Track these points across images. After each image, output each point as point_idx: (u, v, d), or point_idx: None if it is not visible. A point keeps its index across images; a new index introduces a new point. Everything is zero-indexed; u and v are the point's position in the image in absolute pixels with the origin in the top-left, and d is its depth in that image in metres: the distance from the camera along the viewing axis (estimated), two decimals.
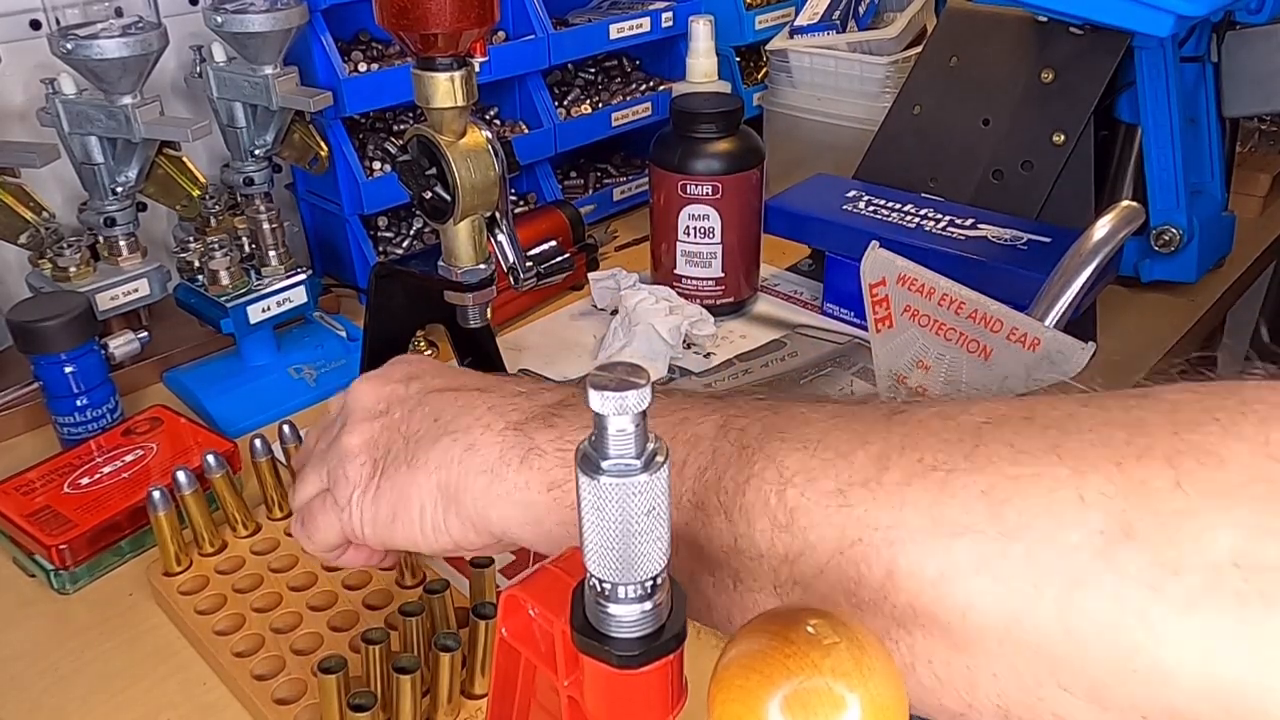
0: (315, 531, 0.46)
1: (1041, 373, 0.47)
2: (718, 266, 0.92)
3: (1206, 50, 0.86)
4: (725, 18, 1.14)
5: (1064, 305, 0.53)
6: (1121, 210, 0.54)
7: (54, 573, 0.63)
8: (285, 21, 0.80)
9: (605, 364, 0.28)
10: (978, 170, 0.91)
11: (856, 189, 0.94)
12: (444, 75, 0.59)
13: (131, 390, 0.84)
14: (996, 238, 0.82)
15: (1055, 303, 0.53)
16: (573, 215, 0.98)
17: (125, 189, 0.81)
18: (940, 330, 0.49)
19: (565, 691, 0.33)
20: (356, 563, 0.50)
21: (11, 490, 0.67)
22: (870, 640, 0.26)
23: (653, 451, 0.28)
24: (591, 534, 0.29)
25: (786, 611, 0.27)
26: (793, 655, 0.25)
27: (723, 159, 0.88)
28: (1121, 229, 0.53)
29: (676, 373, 0.86)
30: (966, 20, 0.96)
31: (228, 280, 0.79)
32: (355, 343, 0.87)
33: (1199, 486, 0.26)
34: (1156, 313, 0.92)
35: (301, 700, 0.53)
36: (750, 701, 0.25)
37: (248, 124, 0.87)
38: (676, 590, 0.32)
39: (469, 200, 0.63)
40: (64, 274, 0.79)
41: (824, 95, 1.09)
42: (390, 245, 1.01)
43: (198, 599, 0.60)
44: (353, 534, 0.44)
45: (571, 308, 0.97)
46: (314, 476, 0.47)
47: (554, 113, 1.06)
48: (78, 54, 0.72)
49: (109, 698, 0.57)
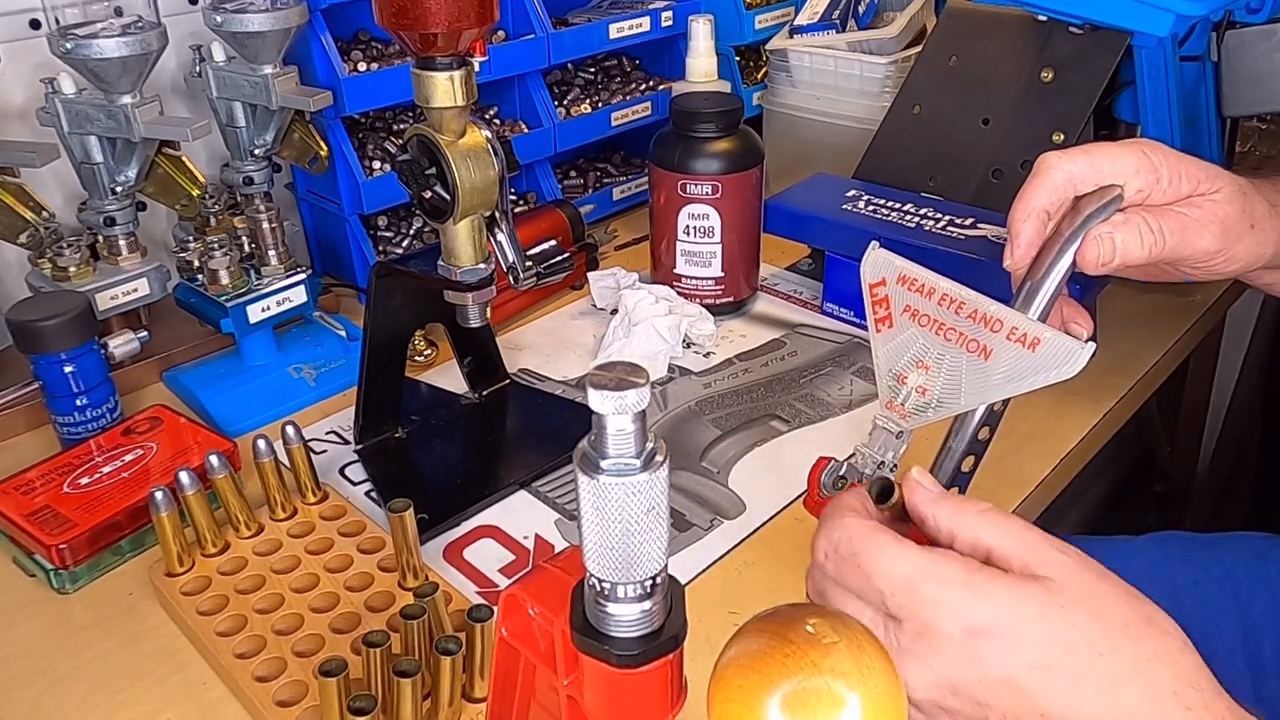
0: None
1: (1041, 373, 0.47)
2: (717, 266, 0.92)
3: (1206, 50, 0.86)
4: (725, 17, 1.14)
5: (1048, 291, 0.53)
6: (1099, 191, 0.54)
7: (54, 572, 0.63)
8: (285, 21, 0.80)
9: (605, 364, 0.28)
10: (978, 170, 0.91)
11: (856, 189, 0.94)
12: (443, 75, 0.59)
13: (131, 390, 0.84)
14: (996, 237, 0.82)
15: (1038, 290, 0.53)
16: (572, 215, 0.98)
17: (125, 189, 0.81)
18: (940, 330, 0.49)
19: (565, 691, 0.33)
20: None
21: (11, 490, 0.67)
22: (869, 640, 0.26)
23: (652, 451, 0.28)
24: (591, 533, 0.29)
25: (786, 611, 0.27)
26: (792, 655, 0.25)
27: (722, 159, 0.88)
28: (1100, 211, 0.53)
29: (676, 372, 0.86)
30: (966, 20, 0.96)
31: (228, 280, 0.79)
32: (355, 342, 0.87)
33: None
34: (1156, 313, 0.92)
35: (302, 702, 0.53)
36: (750, 701, 0.25)
37: (247, 124, 0.87)
38: (676, 589, 0.32)
39: (469, 200, 0.63)
40: (64, 274, 0.79)
41: (824, 95, 1.09)
42: (390, 245, 1.01)
43: (200, 600, 0.60)
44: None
45: (571, 307, 0.97)
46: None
47: (554, 112, 1.06)
48: (77, 54, 0.72)
49: (109, 698, 0.57)
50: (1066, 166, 0.53)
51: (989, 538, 0.40)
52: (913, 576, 0.39)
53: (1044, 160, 0.54)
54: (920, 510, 0.42)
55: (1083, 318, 0.57)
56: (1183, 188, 0.54)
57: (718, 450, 0.76)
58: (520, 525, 0.69)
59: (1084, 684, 0.36)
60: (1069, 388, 0.49)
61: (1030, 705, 0.37)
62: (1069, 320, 0.58)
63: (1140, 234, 0.53)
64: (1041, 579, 0.38)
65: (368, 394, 0.75)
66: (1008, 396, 0.49)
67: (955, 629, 0.37)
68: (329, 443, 0.78)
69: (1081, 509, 1.58)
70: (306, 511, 0.67)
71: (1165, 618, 0.39)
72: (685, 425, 0.79)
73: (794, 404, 0.81)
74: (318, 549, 0.64)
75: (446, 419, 0.80)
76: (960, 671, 0.37)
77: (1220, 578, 0.73)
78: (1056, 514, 0.78)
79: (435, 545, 0.67)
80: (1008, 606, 0.37)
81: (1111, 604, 0.38)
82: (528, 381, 0.85)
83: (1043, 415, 0.77)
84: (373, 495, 0.72)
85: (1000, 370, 0.48)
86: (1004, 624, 0.37)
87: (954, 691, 0.38)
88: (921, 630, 0.38)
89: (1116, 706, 0.36)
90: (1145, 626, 0.38)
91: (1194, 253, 0.54)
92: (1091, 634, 0.37)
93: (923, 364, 0.50)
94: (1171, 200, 0.54)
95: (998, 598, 0.37)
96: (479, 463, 0.77)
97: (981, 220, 0.85)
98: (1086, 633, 0.37)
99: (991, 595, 0.37)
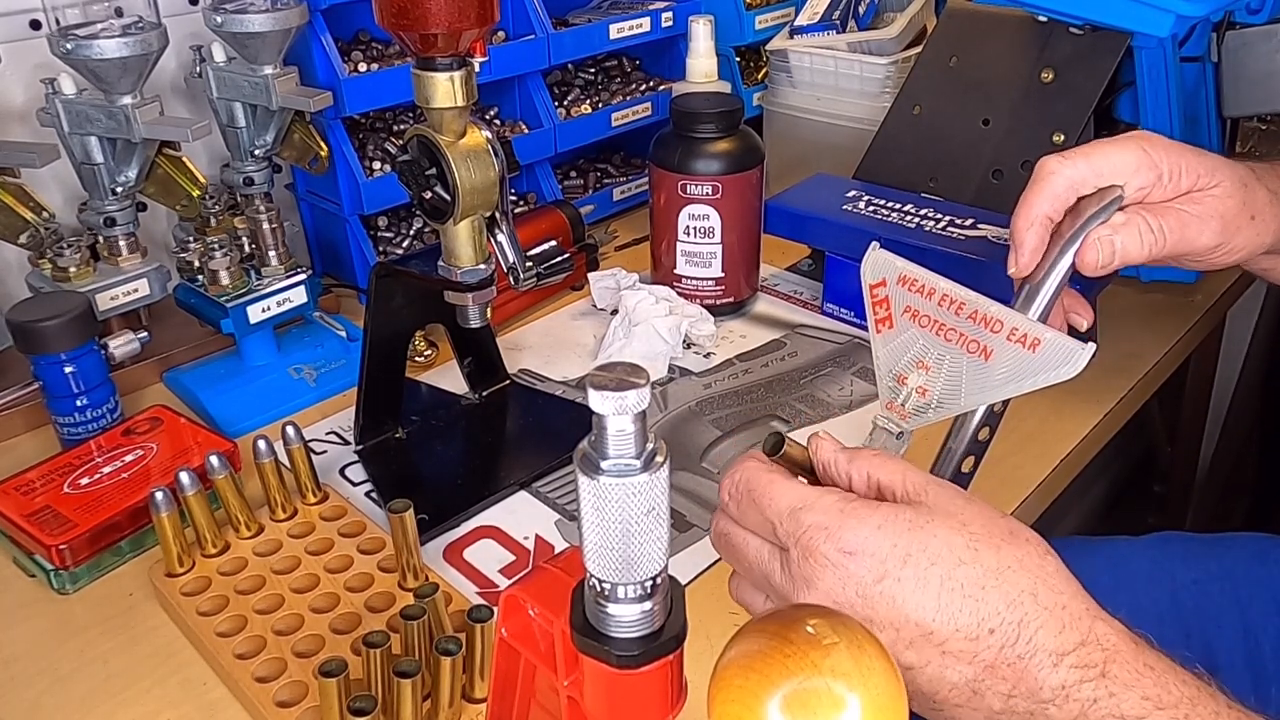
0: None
1: (1042, 373, 0.47)
2: (718, 266, 0.92)
3: (1206, 50, 0.86)
4: (725, 18, 1.14)
5: (1049, 292, 0.53)
6: (1099, 192, 0.54)
7: (54, 573, 0.63)
8: (285, 21, 0.80)
9: (605, 364, 0.28)
10: (978, 170, 0.91)
11: (856, 189, 0.94)
12: (444, 75, 0.59)
13: (131, 390, 0.84)
14: (996, 238, 0.82)
15: (1039, 291, 0.53)
16: (573, 215, 0.98)
17: (125, 189, 0.81)
18: (940, 331, 0.49)
19: (565, 691, 0.33)
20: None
21: (11, 490, 0.67)
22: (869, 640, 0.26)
23: (652, 452, 0.28)
24: (591, 534, 0.29)
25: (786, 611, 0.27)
26: (792, 655, 0.25)
27: (723, 159, 0.88)
28: (1100, 213, 0.53)
29: (676, 373, 0.86)
30: (966, 20, 0.96)
31: (228, 280, 0.79)
32: (355, 343, 0.87)
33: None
34: (1156, 313, 0.92)
35: (302, 703, 0.53)
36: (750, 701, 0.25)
37: (248, 124, 0.87)
38: (676, 590, 0.32)
39: (469, 200, 0.63)
40: (64, 274, 0.79)
41: (824, 95, 1.09)
42: (390, 245, 1.01)
43: (200, 600, 0.60)
44: None
45: (571, 308, 0.97)
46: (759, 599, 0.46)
47: (554, 113, 1.06)
48: (78, 54, 0.72)
49: (109, 698, 0.57)
50: (1067, 172, 0.54)
51: (877, 473, 0.44)
52: (796, 506, 0.42)
53: (1044, 165, 0.54)
54: (824, 458, 0.45)
55: (1083, 308, 0.57)
56: (1183, 183, 0.54)
57: (718, 451, 0.76)
58: (520, 526, 0.69)
59: (948, 590, 0.39)
60: (1069, 388, 0.49)
61: (902, 614, 0.39)
62: (1070, 311, 0.58)
63: (1140, 235, 0.53)
64: (915, 503, 0.42)
65: (368, 394, 0.75)
66: (1008, 397, 0.49)
67: (831, 550, 0.40)
68: (329, 443, 0.78)
69: (1081, 509, 1.59)
70: (307, 512, 0.67)
71: (1029, 531, 0.42)
72: (685, 426, 0.79)
73: (794, 405, 0.81)
74: (318, 549, 0.64)
75: (446, 419, 0.80)
76: (840, 591, 0.40)
77: (1220, 578, 0.73)
78: (1056, 514, 0.78)
79: (435, 546, 0.67)
80: (877, 528, 0.40)
81: (975, 519, 0.41)
82: (528, 382, 0.85)
83: (1043, 416, 0.77)
84: (373, 496, 0.72)
85: (1000, 371, 0.48)
86: (875, 543, 0.40)
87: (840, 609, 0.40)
88: (804, 555, 0.41)
89: (980, 609, 0.39)
90: (1007, 538, 0.41)
91: (1194, 249, 0.55)
92: (955, 544, 0.40)
93: (923, 364, 0.50)
94: (1172, 196, 0.54)
95: (870, 520, 0.41)
96: (479, 463, 0.77)
97: (982, 221, 0.85)
98: (950, 543, 0.40)
99: (865, 519, 0.41)
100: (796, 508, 0.42)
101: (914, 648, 0.39)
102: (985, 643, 0.39)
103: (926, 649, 0.39)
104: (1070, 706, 0.38)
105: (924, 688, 0.40)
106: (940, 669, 0.39)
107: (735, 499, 0.44)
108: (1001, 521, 0.42)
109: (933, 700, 0.40)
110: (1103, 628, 0.39)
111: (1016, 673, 0.38)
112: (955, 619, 0.39)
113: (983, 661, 0.39)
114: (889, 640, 0.40)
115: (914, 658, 0.39)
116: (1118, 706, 0.37)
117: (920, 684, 0.40)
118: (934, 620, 0.39)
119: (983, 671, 0.39)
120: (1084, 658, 0.38)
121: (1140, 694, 0.37)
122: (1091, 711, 0.37)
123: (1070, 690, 0.38)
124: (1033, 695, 0.38)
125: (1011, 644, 0.38)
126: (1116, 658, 0.38)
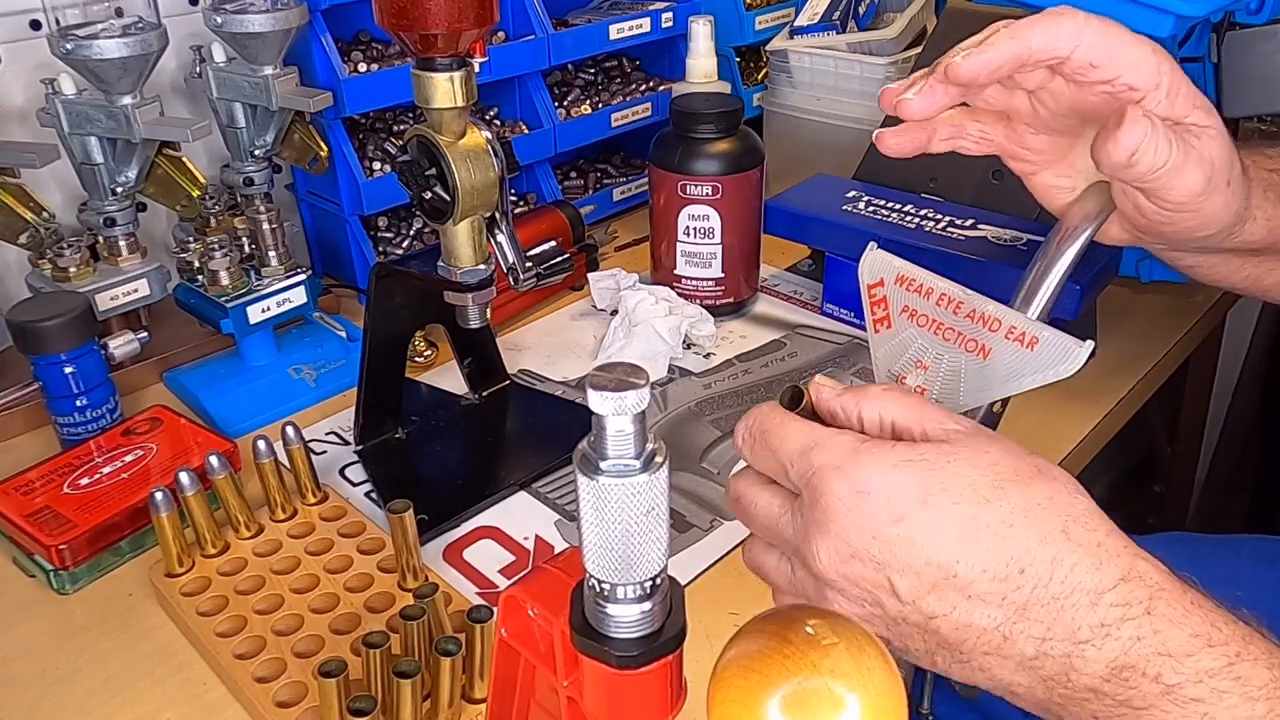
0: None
1: (1040, 371, 0.47)
2: (717, 267, 0.92)
3: (1206, 50, 0.86)
4: (725, 18, 1.14)
5: (1048, 290, 0.53)
6: (1100, 192, 0.53)
7: (54, 573, 0.63)
8: (285, 22, 0.80)
9: (605, 364, 0.28)
10: (978, 170, 0.91)
11: (856, 189, 0.94)
12: (443, 76, 0.59)
13: (131, 390, 0.84)
14: (996, 238, 0.82)
15: (1038, 290, 0.53)
16: (573, 215, 0.98)
17: (125, 189, 0.81)
18: (939, 330, 0.49)
19: (565, 691, 0.33)
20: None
21: (11, 490, 0.67)
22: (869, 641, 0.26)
23: (652, 452, 0.28)
24: (591, 534, 0.29)
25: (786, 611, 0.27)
26: (791, 655, 0.25)
27: (722, 159, 0.88)
28: (1101, 209, 0.53)
29: (676, 373, 0.86)
30: (966, 20, 0.96)
31: (228, 280, 0.79)
32: (355, 343, 0.87)
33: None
34: (1156, 313, 0.92)
35: (302, 703, 0.53)
36: (749, 701, 0.25)
37: (248, 124, 0.87)
38: (675, 590, 0.32)
39: (469, 200, 0.63)
40: (64, 274, 0.79)
41: (824, 95, 1.09)
42: (390, 245, 1.01)
43: (199, 600, 0.60)
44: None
45: (571, 308, 0.97)
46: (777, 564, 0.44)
47: (554, 113, 1.06)
48: (78, 54, 0.72)
49: (109, 698, 0.57)
50: (1079, 29, 0.47)
51: (890, 413, 0.41)
52: (808, 446, 0.40)
53: (1062, 10, 0.48)
54: (830, 405, 0.43)
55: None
56: (1176, 108, 0.49)
57: (718, 451, 0.76)
58: (520, 526, 0.69)
59: (972, 530, 0.37)
60: (1069, 388, 0.49)
61: (923, 557, 0.37)
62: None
63: (1161, 143, 0.47)
64: (935, 442, 0.39)
65: (368, 395, 0.75)
66: (1007, 396, 0.49)
67: (844, 489, 0.38)
68: (329, 443, 0.78)
69: None
70: (306, 512, 0.67)
71: (1058, 469, 0.40)
72: (685, 426, 0.79)
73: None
74: (318, 550, 0.64)
75: (446, 420, 0.80)
76: (854, 534, 0.38)
77: (1223, 579, 0.72)
78: None
79: (435, 546, 0.67)
80: (893, 466, 0.38)
81: (1000, 458, 0.39)
82: (528, 382, 0.85)
83: (1043, 416, 0.77)
84: (373, 496, 0.72)
85: (999, 370, 0.48)
86: (891, 481, 0.38)
87: (854, 554, 0.38)
88: (816, 497, 0.39)
89: (1007, 549, 0.37)
90: (1034, 474, 0.38)
91: (1179, 191, 0.49)
92: (979, 483, 0.38)
93: (922, 364, 0.50)
94: (1162, 117, 0.48)
95: (885, 459, 0.38)
96: (479, 463, 0.77)
97: (981, 221, 0.85)
98: (974, 483, 0.38)
99: (880, 458, 0.38)
100: (808, 448, 0.40)
101: (936, 592, 0.37)
102: (1015, 583, 0.36)
103: (950, 593, 0.37)
104: (1110, 646, 0.36)
105: (949, 637, 0.37)
106: (966, 614, 0.37)
107: (748, 442, 0.43)
108: (1029, 459, 0.39)
109: (959, 650, 0.38)
110: (1144, 565, 0.37)
111: (1051, 614, 0.36)
112: (981, 559, 0.36)
113: (1013, 603, 0.36)
114: (909, 586, 0.37)
115: (936, 604, 0.37)
116: (1164, 644, 0.35)
117: (945, 633, 0.37)
118: (958, 562, 0.37)
119: (1014, 614, 0.36)
120: (1125, 595, 0.36)
121: (1189, 631, 0.36)
122: (1134, 650, 0.35)
123: (1111, 629, 0.36)
124: (1070, 637, 0.36)
125: (1045, 583, 0.36)
126: (1162, 595, 0.36)
